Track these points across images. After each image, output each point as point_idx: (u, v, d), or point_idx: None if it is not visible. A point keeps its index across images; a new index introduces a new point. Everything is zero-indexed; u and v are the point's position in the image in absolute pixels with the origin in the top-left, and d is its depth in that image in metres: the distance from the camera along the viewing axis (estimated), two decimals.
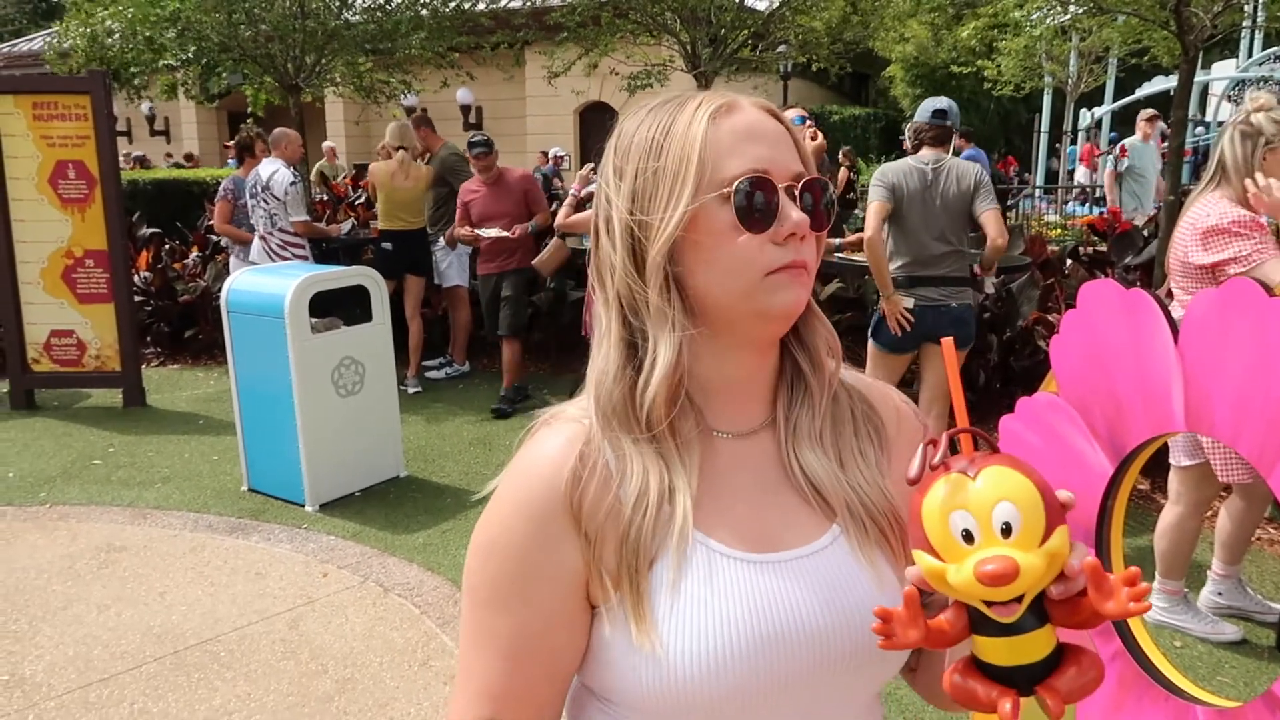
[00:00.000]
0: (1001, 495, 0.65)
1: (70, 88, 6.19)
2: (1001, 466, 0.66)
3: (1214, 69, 15.43)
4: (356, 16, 8.65)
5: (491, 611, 0.82)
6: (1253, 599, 3.27)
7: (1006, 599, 0.65)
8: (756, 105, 0.84)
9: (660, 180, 0.80)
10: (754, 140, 0.80)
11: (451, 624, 3.37)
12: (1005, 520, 0.64)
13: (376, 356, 4.64)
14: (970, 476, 0.66)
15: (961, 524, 0.65)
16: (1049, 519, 0.65)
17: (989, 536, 0.64)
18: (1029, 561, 0.63)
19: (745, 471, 0.85)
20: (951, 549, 0.66)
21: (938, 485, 0.68)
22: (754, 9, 10.01)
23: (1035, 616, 0.66)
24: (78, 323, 6.14)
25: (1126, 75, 17.28)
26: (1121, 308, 1.32)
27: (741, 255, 0.79)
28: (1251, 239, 2.80)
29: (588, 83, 10.34)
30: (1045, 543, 0.64)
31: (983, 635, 0.68)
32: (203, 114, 20.84)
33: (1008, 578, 0.62)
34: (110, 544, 4.07)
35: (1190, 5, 6.02)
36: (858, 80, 24.70)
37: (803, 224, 0.79)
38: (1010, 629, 0.66)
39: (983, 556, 0.64)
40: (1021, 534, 0.64)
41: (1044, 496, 0.65)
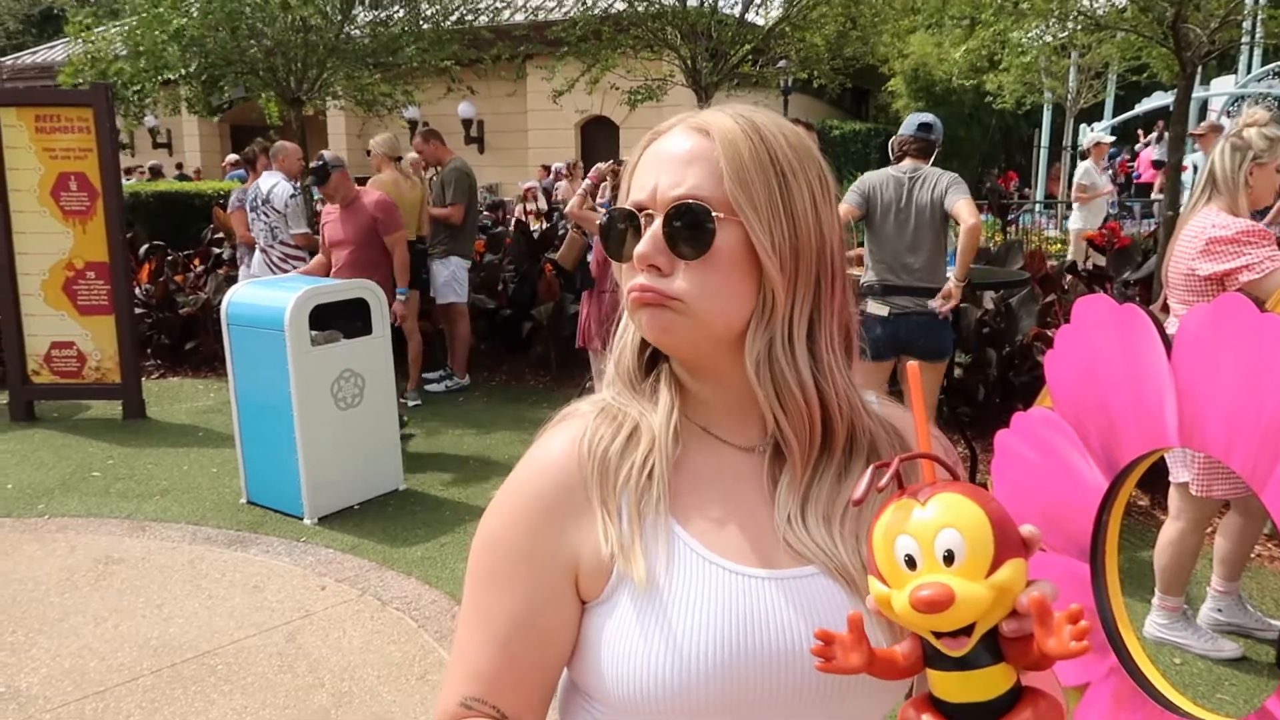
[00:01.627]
0: (946, 522, 0.63)
1: (73, 101, 6.23)
2: (954, 494, 0.64)
3: (1213, 85, 15.47)
4: (357, 30, 8.71)
5: (487, 594, 0.84)
6: (1253, 616, 3.26)
7: (952, 629, 0.63)
8: (685, 127, 0.83)
9: None
10: (652, 166, 0.83)
11: (449, 638, 3.36)
12: (948, 548, 0.63)
13: (376, 369, 4.65)
14: (920, 502, 0.65)
15: (905, 549, 0.64)
16: (999, 551, 0.62)
17: (931, 563, 0.63)
18: (970, 591, 0.61)
19: (744, 484, 0.85)
20: (895, 575, 0.65)
21: (887, 511, 0.67)
22: (754, 24, 10.06)
23: (989, 653, 0.64)
24: (78, 334, 6.15)
25: (1126, 91, 17.35)
26: (1115, 323, 1.32)
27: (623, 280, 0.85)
28: (1262, 246, 2.82)
29: (589, 97, 10.38)
30: (993, 574, 0.62)
31: (936, 669, 0.66)
32: (205, 127, 20.93)
33: (940, 605, 0.61)
34: (108, 556, 4.06)
35: (1188, 22, 6.05)
36: (858, 95, 24.80)
37: (643, 255, 0.80)
38: (962, 663, 0.64)
39: (919, 583, 0.62)
40: (965, 563, 0.62)
41: (995, 528, 0.63)
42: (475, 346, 7.11)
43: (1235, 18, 6.75)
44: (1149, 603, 3.24)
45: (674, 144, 0.82)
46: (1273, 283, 2.73)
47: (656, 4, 9.31)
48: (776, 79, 11.80)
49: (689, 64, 9.34)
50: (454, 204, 6.48)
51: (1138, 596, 3.40)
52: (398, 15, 8.90)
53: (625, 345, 0.90)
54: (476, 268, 7.43)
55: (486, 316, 7.37)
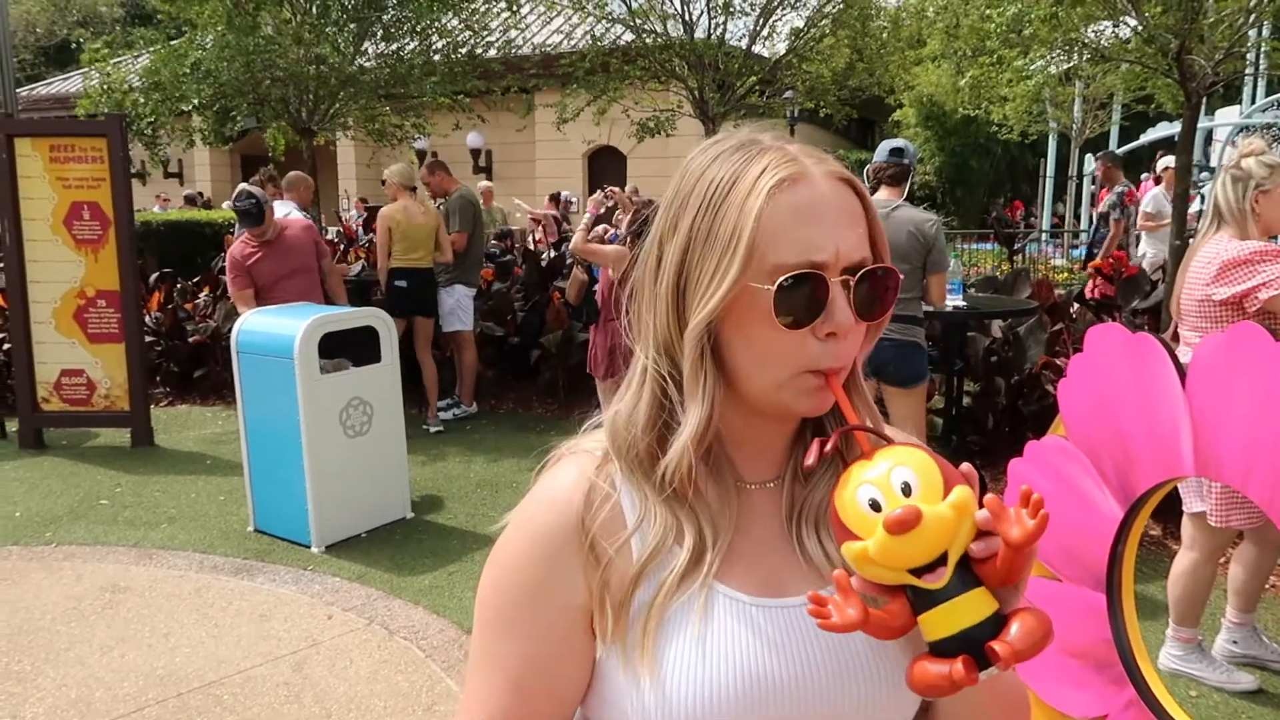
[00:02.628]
0: (896, 463, 0.70)
1: (87, 131, 6.30)
2: (895, 447, 0.72)
3: (1218, 115, 15.54)
4: (370, 62, 8.81)
5: (499, 637, 0.82)
6: (1268, 647, 3.22)
7: (928, 561, 0.67)
8: (829, 175, 0.79)
9: (710, 248, 0.77)
10: (813, 221, 0.76)
11: (457, 668, 3.33)
12: (904, 480, 0.69)
13: (385, 397, 4.65)
14: (868, 461, 0.72)
15: (867, 496, 0.70)
16: (947, 479, 0.69)
17: (892, 498, 0.69)
18: (934, 510, 0.67)
19: (760, 518, 0.85)
20: (864, 524, 0.69)
21: (843, 478, 0.73)
22: (761, 56, 10.16)
23: (965, 580, 0.68)
24: (88, 362, 6.17)
25: (1131, 121, 17.43)
26: (1128, 351, 1.32)
27: (778, 347, 0.77)
28: (1277, 262, 2.82)
29: (596, 127, 10.47)
30: (948, 497, 0.68)
31: (923, 613, 0.70)
32: (216, 156, 21.13)
33: (911, 521, 0.66)
34: (115, 584, 4.05)
35: (1192, 53, 6.09)
36: (864, 125, 24.95)
37: (845, 325, 0.76)
38: (944, 595, 0.68)
39: (888, 511, 0.68)
40: (921, 490, 0.68)
41: (938, 462, 0.70)
42: (483, 374, 7.11)
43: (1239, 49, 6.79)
44: (1163, 634, 3.20)
45: (833, 198, 0.78)
46: None
47: (664, 36, 9.41)
48: (783, 109, 11.88)
49: (696, 95, 9.42)
50: (458, 233, 6.52)
51: (1152, 628, 3.37)
52: (409, 48, 9.00)
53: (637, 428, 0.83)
54: (485, 295, 7.46)
55: (495, 344, 7.38)
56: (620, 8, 9.63)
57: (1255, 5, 6.34)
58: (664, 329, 0.81)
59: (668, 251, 0.81)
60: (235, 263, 5.61)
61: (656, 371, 0.82)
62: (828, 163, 0.81)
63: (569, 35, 15.33)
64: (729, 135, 0.84)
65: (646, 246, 0.84)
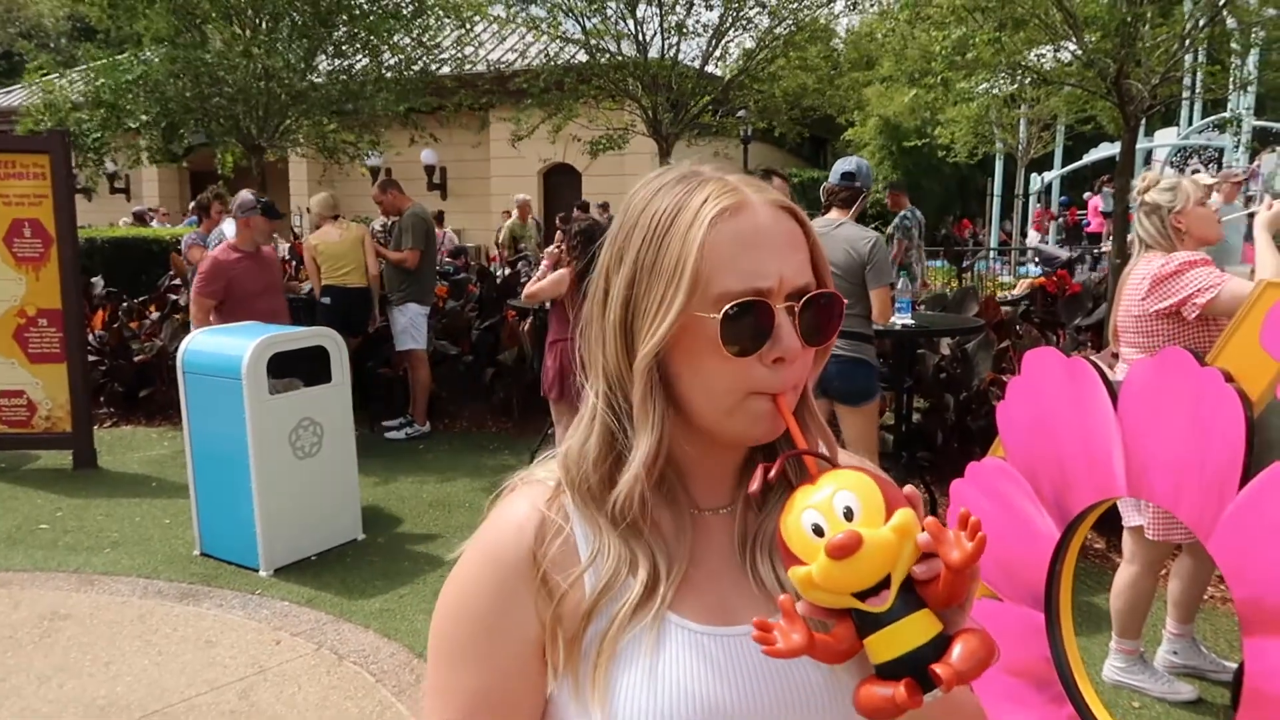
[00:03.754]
0: (839, 488, 0.71)
1: (29, 147, 6.16)
2: (839, 471, 0.73)
3: (1157, 136, 16.02)
4: (321, 79, 8.74)
5: (453, 668, 0.82)
6: (1207, 658, 3.30)
7: (872, 583, 0.68)
8: (769, 204, 0.80)
9: (656, 279, 0.78)
10: (755, 249, 0.77)
11: (408, 692, 3.29)
12: (845, 505, 0.70)
13: (335, 418, 4.59)
14: (812, 485, 0.73)
15: (810, 520, 0.71)
16: (889, 501, 0.70)
17: (834, 522, 0.69)
18: (875, 534, 0.67)
19: (714, 545, 0.85)
20: (809, 549, 0.70)
21: (789, 502, 0.73)
22: (714, 75, 10.27)
23: (908, 603, 0.69)
24: (28, 383, 6.01)
25: (1074, 142, 17.90)
26: (1063, 375, 1.35)
27: (726, 374, 0.77)
28: (1206, 269, 2.90)
29: (551, 145, 10.49)
30: (889, 521, 0.69)
31: (868, 636, 0.70)
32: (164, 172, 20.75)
33: (852, 546, 0.66)
34: (54, 612, 3.94)
35: (1130, 77, 6.28)
36: (816, 144, 25.28)
37: (792, 350, 0.77)
38: (888, 618, 0.69)
39: (830, 536, 0.68)
40: (863, 515, 0.69)
41: (881, 485, 0.71)
42: (437, 393, 7.05)
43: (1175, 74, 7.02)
44: (1107, 646, 3.27)
45: (776, 225, 0.79)
46: (1228, 295, 2.80)
47: (618, 56, 9.47)
48: (736, 128, 12.01)
49: (650, 114, 9.50)
50: (410, 250, 6.50)
51: (1096, 641, 3.43)
52: (360, 64, 8.95)
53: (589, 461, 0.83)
54: (439, 314, 7.41)
55: (449, 363, 7.33)
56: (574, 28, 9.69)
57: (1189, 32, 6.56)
58: (613, 362, 0.81)
59: (614, 285, 0.81)
60: (218, 267, 5.37)
61: (608, 404, 0.82)
62: (767, 192, 0.81)
63: (523, 54, 15.34)
64: (670, 169, 0.85)
65: (594, 280, 0.84)
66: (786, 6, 9.47)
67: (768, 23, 9.62)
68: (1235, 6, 6.85)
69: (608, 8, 9.26)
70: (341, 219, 6.79)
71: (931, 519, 0.69)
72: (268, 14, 8.14)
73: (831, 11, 10.02)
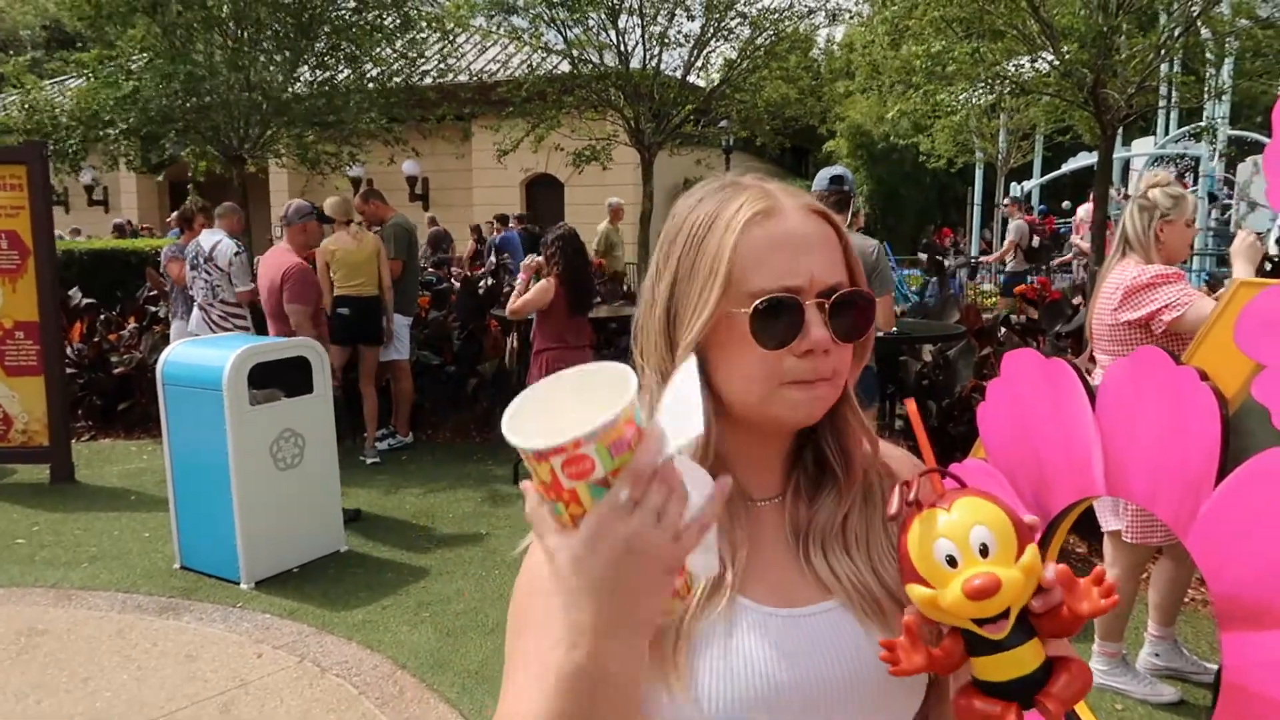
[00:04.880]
0: (976, 520, 0.72)
1: (6, 158, 6.11)
2: (971, 497, 0.74)
3: (1134, 145, 16.19)
4: (303, 89, 8.72)
5: (524, 636, 0.84)
6: (1189, 660, 3.33)
7: (994, 614, 0.71)
8: (801, 208, 0.85)
9: (694, 278, 0.84)
10: (787, 250, 0.82)
11: (390, 704, 3.27)
12: (982, 542, 0.72)
13: (317, 429, 4.57)
14: (945, 509, 0.74)
15: (945, 551, 0.73)
16: (1020, 538, 0.72)
17: (970, 558, 0.72)
18: (1009, 576, 0.70)
19: (768, 532, 0.89)
20: (938, 575, 0.73)
21: (917, 522, 0.75)
22: (696, 85, 10.31)
23: (1022, 631, 0.73)
24: (4, 396, 5.95)
25: (1053, 151, 18.08)
26: (1042, 376, 1.37)
27: (759, 366, 0.82)
28: (1178, 285, 2.94)
29: (534, 155, 10.50)
30: (1020, 559, 0.71)
31: (979, 656, 0.74)
32: (143, 183, 20.61)
33: (991, 589, 0.69)
34: (32, 628, 3.89)
35: (1106, 87, 6.35)
36: (798, 154, 25.41)
37: (822, 342, 0.81)
38: (1001, 645, 0.73)
39: (968, 574, 0.70)
40: (998, 553, 0.71)
41: (1013, 519, 0.72)
42: (419, 404, 7.02)
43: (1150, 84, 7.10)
44: (1090, 649, 3.29)
45: (806, 227, 0.84)
46: (1194, 314, 2.84)
47: (601, 66, 9.50)
48: (718, 138, 12.06)
49: (633, 124, 9.52)
50: (393, 260, 6.47)
51: (1079, 644, 3.45)
52: (342, 75, 8.93)
53: None
54: (421, 324, 7.39)
55: (431, 373, 7.31)
56: (556, 38, 9.71)
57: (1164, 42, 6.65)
58: (661, 359, 0.87)
59: (659, 288, 0.87)
60: (308, 275, 5.59)
61: None
62: (802, 197, 0.87)
63: (505, 64, 15.36)
64: (713, 179, 0.91)
65: (645, 286, 0.91)
66: (768, 17, 9.53)
67: (749, 33, 9.68)
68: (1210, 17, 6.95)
69: (589, 18, 9.29)
70: (354, 224, 6.53)
71: (1063, 567, 0.72)
72: (250, 24, 8.11)
73: (812, 23, 10.07)
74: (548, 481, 0.64)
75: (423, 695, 3.33)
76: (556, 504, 0.65)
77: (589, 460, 0.62)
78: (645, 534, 0.64)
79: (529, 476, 0.66)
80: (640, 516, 0.64)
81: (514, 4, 9.49)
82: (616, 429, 0.62)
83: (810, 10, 9.63)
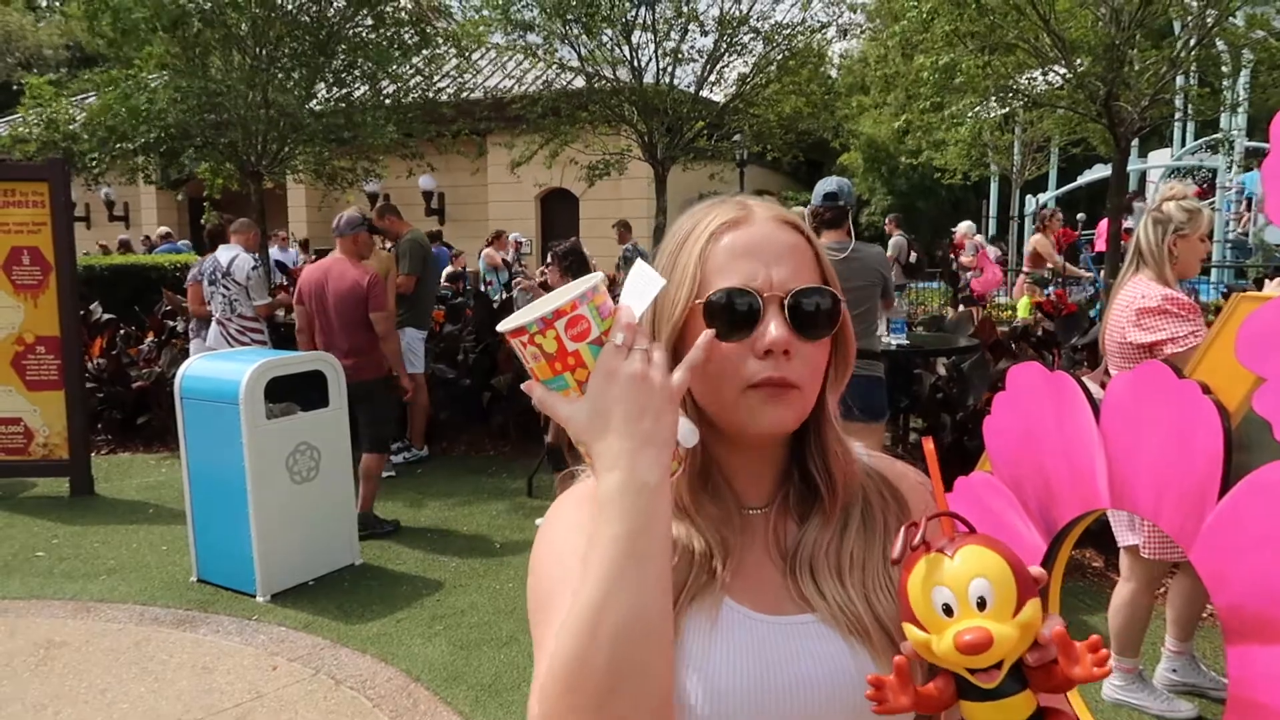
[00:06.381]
0: (976, 572, 0.72)
1: (28, 175, 6.20)
2: (977, 546, 0.73)
3: (1150, 158, 16.13)
4: (320, 106, 8.81)
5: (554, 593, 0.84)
6: (1207, 675, 3.30)
7: (986, 665, 0.71)
8: (771, 218, 0.88)
9: (669, 286, 0.87)
10: (749, 257, 0.85)
11: (405, 716, 3.28)
12: (980, 595, 0.71)
13: (332, 442, 4.60)
14: (949, 555, 0.73)
15: (941, 599, 0.72)
16: (1020, 593, 0.71)
17: (966, 609, 0.71)
18: (1003, 631, 0.70)
19: (756, 541, 0.91)
20: (934, 621, 0.73)
21: (920, 564, 0.74)
22: (709, 100, 10.35)
23: (1015, 681, 0.73)
24: (26, 410, 6.02)
25: (1068, 164, 18.02)
26: (1047, 390, 1.37)
27: (719, 364, 0.84)
28: (1187, 320, 2.92)
29: (549, 170, 10.56)
30: (1018, 614, 0.71)
31: (970, 701, 0.74)
32: (163, 199, 20.86)
33: (983, 646, 0.69)
34: (50, 640, 3.93)
35: (1119, 100, 6.34)
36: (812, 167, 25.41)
37: (780, 340, 0.82)
38: (992, 694, 0.73)
39: (961, 628, 0.70)
40: (995, 607, 0.71)
41: (1015, 572, 0.72)
42: (435, 417, 7.06)
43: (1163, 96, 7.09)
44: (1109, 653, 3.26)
45: (773, 236, 0.87)
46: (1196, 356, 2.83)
47: (615, 81, 9.55)
48: (731, 152, 12.09)
49: (646, 139, 9.56)
50: (408, 275, 6.51)
51: None
52: (359, 92, 9.02)
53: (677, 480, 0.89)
54: (436, 338, 7.43)
55: (446, 387, 7.34)
56: (571, 54, 9.78)
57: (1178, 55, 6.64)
58: None
59: None
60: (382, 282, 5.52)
61: None
62: (773, 209, 0.90)
63: (520, 80, 15.47)
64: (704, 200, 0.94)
65: None
66: (780, 32, 9.57)
67: (762, 48, 9.72)
68: (1224, 30, 6.94)
69: (604, 35, 9.35)
70: None
71: (1060, 629, 0.72)
72: (269, 42, 8.21)
73: (824, 37, 10.11)
74: (553, 352, 0.75)
75: (436, 708, 3.35)
76: (563, 376, 0.76)
77: (585, 320, 0.75)
78: (642, 367, 0.75)
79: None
80: (636, 355, 0.75)
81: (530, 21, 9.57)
82: (600, 294, 0.76)
83: (822, 25, 9.67)
